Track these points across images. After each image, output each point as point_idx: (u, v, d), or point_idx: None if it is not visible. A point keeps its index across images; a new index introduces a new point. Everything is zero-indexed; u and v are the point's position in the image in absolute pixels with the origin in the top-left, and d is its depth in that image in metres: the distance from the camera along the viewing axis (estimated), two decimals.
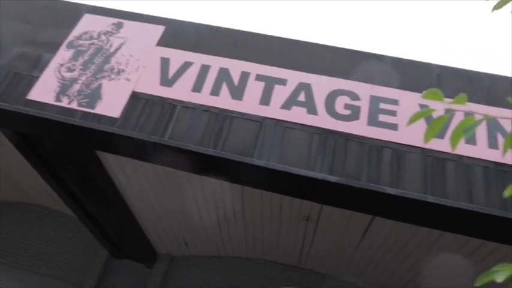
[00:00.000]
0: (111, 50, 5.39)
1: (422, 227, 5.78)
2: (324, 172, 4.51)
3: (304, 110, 4.87)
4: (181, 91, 5.12)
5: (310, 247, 7.75)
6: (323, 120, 4.77)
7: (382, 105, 4.89)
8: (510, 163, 4.55)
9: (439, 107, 1.37)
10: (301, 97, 4.99)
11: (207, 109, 5.01)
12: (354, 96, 4.95)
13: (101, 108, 4.98)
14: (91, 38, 5.47)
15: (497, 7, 2.25)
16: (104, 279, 9.09)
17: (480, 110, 3.67)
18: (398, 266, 7.23)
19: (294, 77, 5.14)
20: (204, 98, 5.05)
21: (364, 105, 4.88)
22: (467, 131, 1.13)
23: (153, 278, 8.98)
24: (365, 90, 4.98)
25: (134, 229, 8.21)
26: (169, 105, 5.07)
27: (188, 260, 9.24)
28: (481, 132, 4.65)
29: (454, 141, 1.16)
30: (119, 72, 5.21)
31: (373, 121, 4.77)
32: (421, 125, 4.10)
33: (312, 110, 4.86)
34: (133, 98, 5.10)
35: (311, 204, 6.21)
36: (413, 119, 1.14)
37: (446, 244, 6.05)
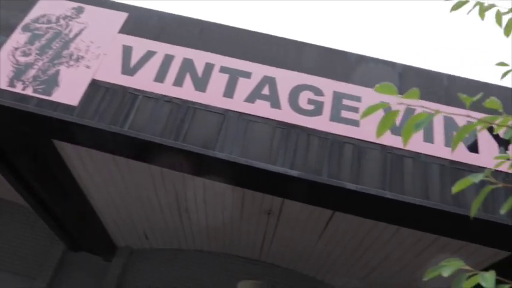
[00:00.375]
0: (71, 35, 5.19)
1: (379, 225, 5.90)
2: (285, 166, 4.52)
3: (267, 103, 4.86)
4: (143, 81, 5.00)
5: (272, 241, 7.78)
6: (286, 115, 4.77)
7: (345, 102, 4.94)
8: (464, 161, 4.70)
9: (394, 102, 1.37)
10: (265, 91, 4.97)
11: (170, 100, 4.91)
12: (318, 91, 4.98)
13: (58, 96, 4.79)
14: (49, 21, 5.24)
15: (454, 8, 2.29)
16: (60, 273, 8.81)
17: (437, 108, 3.77)
18: (355, 262, 7.37)
19: (258, 70, 5.12)
20: (166, 89, 4.95)
21: (327, 101, 4.91)
22: (418, 126, 1.13)
23: (112, 272, 8.79)
24: (329, 86, 5.02)
25: (92, 221, 7.99)
26: (131, 95, 4.94)
27: (148, 253, 9.09)
28: (438, 131, 4.78)
29: (405, 136, 1.16)
30: (78, 58, 5.03)
31: (335, 117, 4.81)
32: None
33: (276, 104, 4.85)
34: (93, 86, 4.94)
35: (273, 198, 6.22)
36: (366, 112, 1.13)
37: (402, 240, 6.20)
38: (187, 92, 4.93)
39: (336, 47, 5.61)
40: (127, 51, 5.19)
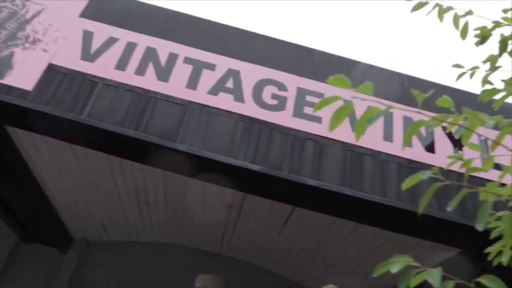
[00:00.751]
0: (27, 16, 4.95)
1: (338, 222, 5.98)
2: (246, 160, 4.49)
3: (231, 96, 4.81)
4: (103, 68, 4.85)
5: (232, 235, 7.76)
6: (249, 109, 4.74)
7: (308, 98, 4.96)
8: (421, 161, 4.82)
9: (351, 97, 1.36)
10: (229, 84, 4.92)
11: (131, 89, 4.78)
12: (282, 86, 4.97)
13: (11, 79, 4.57)
14: (3, 0, 4.98)
15: (415, 9, 2.32)
16: (12, 265, 8.47)
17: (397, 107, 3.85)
18: (313, 259, 7.45)
19: (223, 63, 5.06)
20: (127, 77, 4.82)
21: (290, 97, 4.91)
22: (370, 120, 1.13)
23: (67, 264, 8.53)
24: (293, 82, 5.02)
25: (47, 211, 7.71)
26: (90, 82, 4.78)
27: (106, 245, 8.87)
28: (398, 130, 4.88)
29: (358, 131, 1.15)
30: (35, 41, 4.81)
31: (298, 113, 4.82)
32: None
33: (239, 98, 4.82)
34: (50, 71, 4.74)
35: (234, 192, 6.19)
36: (320, 105, 1.11)
37: (360, 237, 6.32)
38: (149, 82, 4.81)
39: (304, 44, 5.63)
40: (87, 36, 5.01)
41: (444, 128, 1.46)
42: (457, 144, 4.74)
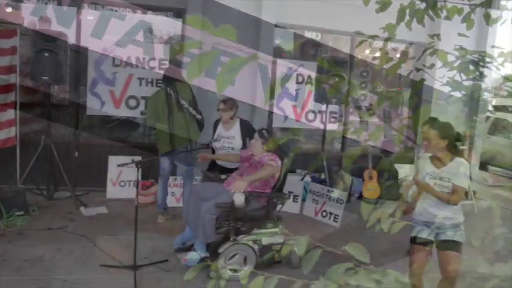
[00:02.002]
0: None
1: None
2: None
3: (140, 50, 4.51)
4: None
5: None
6: (159, 64, 4.50)
7: (223, 58, 4.78)
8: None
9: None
10: (139, 37, 4.59)
11: (25, 33, 4.28)
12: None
13: None
14: None
15: None
16: None
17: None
18: None
19: (134, 15, 4.69)
20: (23, 20, 4.32)
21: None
22: (232, 70, 1.04)
23: None
24: (205, 39, 4.81)
25: None
26: None
27: None
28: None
29: (220, 84, 1.06)
30: None
31: (210, 73, 4.64)
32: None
33: (149, 52, 4.53)
34: None
35: None
36: (179, 50, 0.99)
37: None
38: (46, 26, 4.34)
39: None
40: None
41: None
42: (358, 108, 4.90)
